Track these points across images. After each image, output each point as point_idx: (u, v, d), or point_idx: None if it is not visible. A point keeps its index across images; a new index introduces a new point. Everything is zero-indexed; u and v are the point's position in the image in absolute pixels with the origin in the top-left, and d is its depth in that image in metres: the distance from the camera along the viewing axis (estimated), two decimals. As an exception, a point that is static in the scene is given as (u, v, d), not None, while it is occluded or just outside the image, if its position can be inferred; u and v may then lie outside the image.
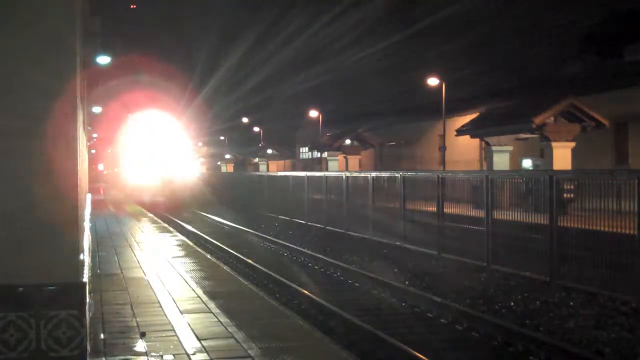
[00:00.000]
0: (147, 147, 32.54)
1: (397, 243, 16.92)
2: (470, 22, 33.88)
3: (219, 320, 7.01)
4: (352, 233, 19.78)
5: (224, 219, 27.61)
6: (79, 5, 3.93)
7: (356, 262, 15.22)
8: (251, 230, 22.66)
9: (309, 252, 16.77)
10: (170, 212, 30.52)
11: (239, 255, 16.22)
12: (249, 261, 15.10)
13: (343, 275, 13.79)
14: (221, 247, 17.96)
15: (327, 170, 38.95)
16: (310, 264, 15.50)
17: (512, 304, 10.89)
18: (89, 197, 17.77)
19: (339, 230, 20.64)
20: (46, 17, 3.36)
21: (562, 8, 30.67)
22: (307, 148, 55.83)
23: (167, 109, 32.69)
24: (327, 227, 21.67)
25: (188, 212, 32.49)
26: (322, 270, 14.63)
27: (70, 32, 3.44)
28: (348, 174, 22.31)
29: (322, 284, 12.64)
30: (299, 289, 11.64)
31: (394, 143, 41.58)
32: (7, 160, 3.31)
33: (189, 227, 23.58)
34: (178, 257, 12.22)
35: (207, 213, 30.92)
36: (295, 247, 17.76)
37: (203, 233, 21.81)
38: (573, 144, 21.38)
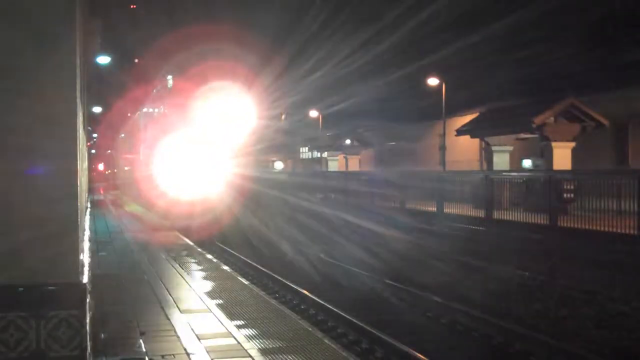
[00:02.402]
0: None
1: None
2: (470, 22, 33.87)
3: (219, 320, 7.01)
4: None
5: None
6: (78, 5, 3.93)
7: None
8: None
9: None
10: None
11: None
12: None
13: None
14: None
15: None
16: None
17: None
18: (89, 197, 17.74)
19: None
20: (46, 17, 3.36)
21: (562, 8, 30.66)
22: (306, 148, 55.73)
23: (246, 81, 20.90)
24: None
25: None
26: None
27: (71, 32, 3.44)
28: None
29: None
30: None
31: (394, 143, 41.59)
32: (6, 160, 3.31)
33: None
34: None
35: None
36: None
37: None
38: (573, 144, 21.38)
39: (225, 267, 11.49)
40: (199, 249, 13.95)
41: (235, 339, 6.31)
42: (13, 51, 3.32)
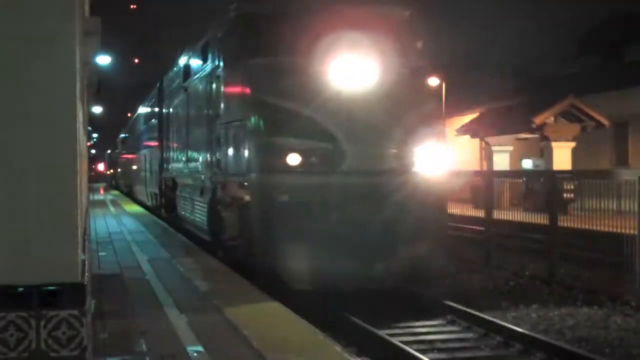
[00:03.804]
0: None
1: None
2: (472, 21, 33.98)
3: (219, 319, 7.00)
4: None
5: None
6: (78, 5, 3.93)
7: None
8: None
9: None
10: None
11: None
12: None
13: None
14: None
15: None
16: None
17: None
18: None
19: None
20: (46, 17, 3.36)
21: (562, 8, 30.76)
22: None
23: None
24: None
25: None
26: None
27: (70, 32, 3.44)
28: None
29: None
30: None
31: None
32: (6, 160, 3.31)
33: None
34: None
35: None
36: None
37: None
38: (573, 144, 21.42)
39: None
40: None
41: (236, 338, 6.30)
42: (12, 51, 3.32)
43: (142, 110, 28.36)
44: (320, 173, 9.52)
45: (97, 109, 28.45)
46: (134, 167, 32.40)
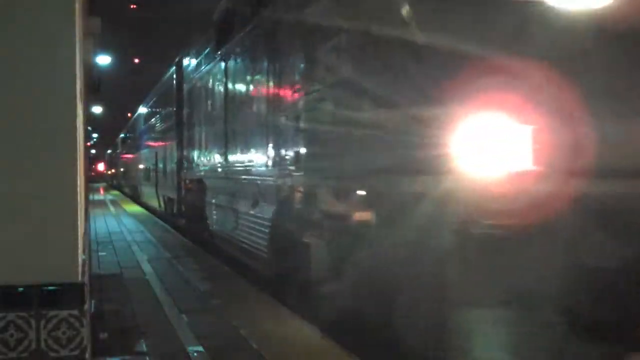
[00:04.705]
0: None
1: None
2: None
3: (219, 319, 7.01)
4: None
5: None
6: (79, 5, 3.93)
7: None
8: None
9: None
10: None
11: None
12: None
13: None
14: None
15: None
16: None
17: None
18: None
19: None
20: (46, 17, 3.36)
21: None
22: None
23: None
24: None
25: None
26: None
27: (70, 32, 3.44)
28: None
29: None
30: None
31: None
32: (6, 160, 3.31)
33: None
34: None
35: None
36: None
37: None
38: (573, 144, 21.36)
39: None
40: None
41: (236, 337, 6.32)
42: (12, 51, 3.32)
43: (150, 102, 25.63)
44: (542, 177, 4.69)
45: (97, 109, 28.33)
46: (141, 166, 27.81)
